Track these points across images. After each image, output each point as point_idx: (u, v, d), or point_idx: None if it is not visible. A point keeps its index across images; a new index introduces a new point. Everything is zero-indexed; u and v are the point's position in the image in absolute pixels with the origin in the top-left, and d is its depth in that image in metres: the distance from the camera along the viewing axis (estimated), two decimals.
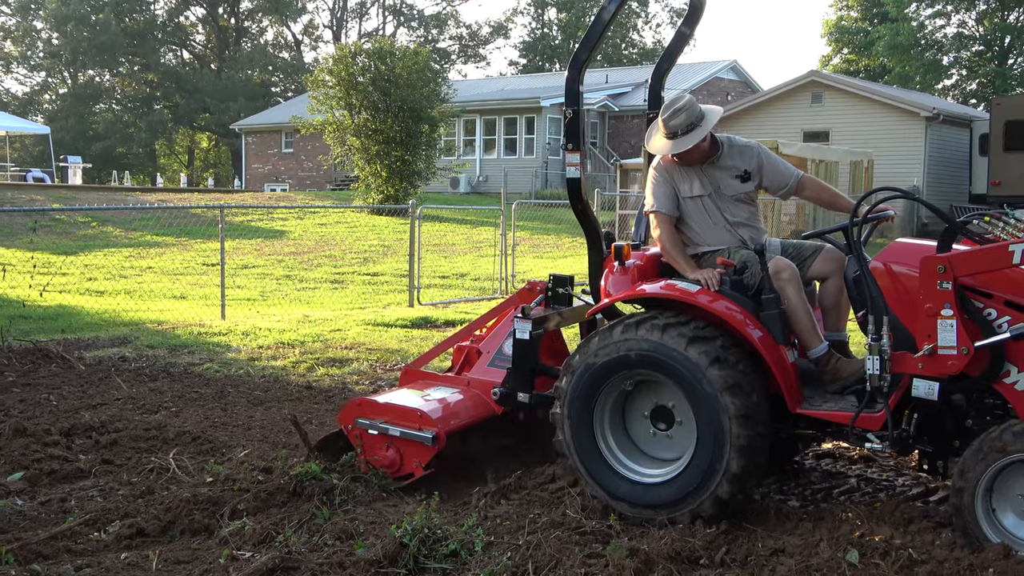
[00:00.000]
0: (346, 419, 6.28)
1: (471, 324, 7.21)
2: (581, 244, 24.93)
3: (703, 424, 5.18)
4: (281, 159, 54.16)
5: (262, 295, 17.82)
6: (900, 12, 54.72)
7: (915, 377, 4.98)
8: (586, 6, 77.78)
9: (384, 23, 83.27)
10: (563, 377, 5.59)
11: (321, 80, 33.57)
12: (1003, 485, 4.67)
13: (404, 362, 10.44)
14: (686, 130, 5.70)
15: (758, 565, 4.75)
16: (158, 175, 68.36)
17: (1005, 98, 34.10)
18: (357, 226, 30.07)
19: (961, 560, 4.54)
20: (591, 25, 6.01)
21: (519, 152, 44.95)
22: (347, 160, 34.18)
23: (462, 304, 16.02)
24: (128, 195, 37.11)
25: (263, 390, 9.19)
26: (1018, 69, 56.32)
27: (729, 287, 5.47)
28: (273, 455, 6.49)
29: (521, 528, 5.19)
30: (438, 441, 5.94)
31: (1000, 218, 5.08)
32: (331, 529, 5.17)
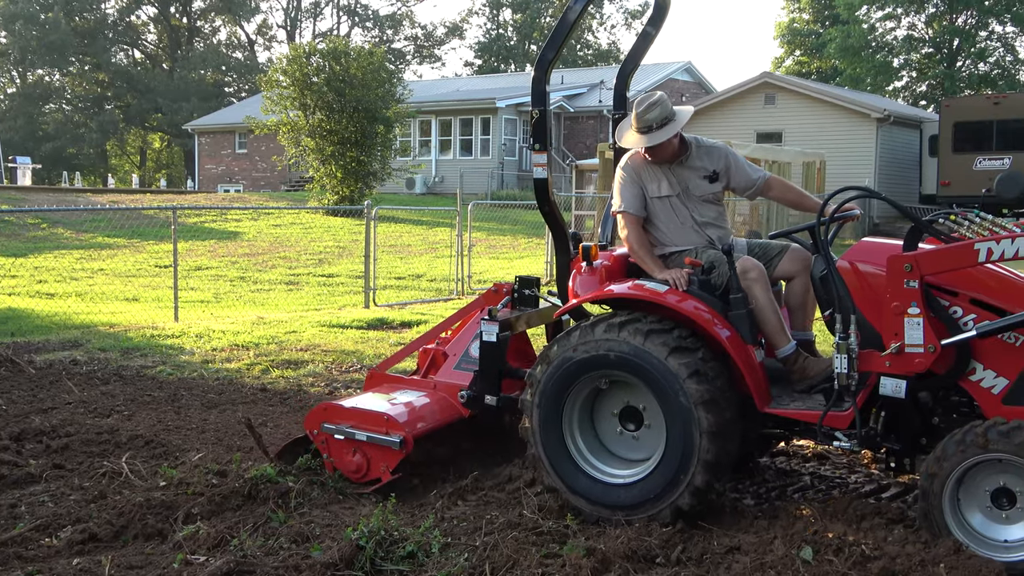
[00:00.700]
0: (311, 424, 6.22)
1: (437, 326, 7.17)
2: (537, 245, 24.99)
3: (673, 434, 5.18)
4: (235, 160, 53.74)
5: (216, 297, 17.67)
6: (851, 15, 55.37)
7: (882, 375, 5.02)
8: (541, 7, 77.94)
9: (338, 23, 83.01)
10: (538, 366, 5.56)
11: (275, 80, 33.38)
12: (973, 481, 4.70)
13: (360, 364, 10.41)
14: (660, 124, 5.71)
15: (713, 563, 4.78)
16: (109, 176, 67.62)
17: (954, 100, 34.66)
18: (312, 227, 29.90)
19: (913, 556, 4.60)
20: (557, 25, 5.99)
21: (475, 153, 44.92)
22: (302, 161, 33.99)
23: (418, 305, 15.98)
24: (79, 196, 36.64)
25: (217, 393, 9.12)
26: (966, 71, 57.21)
27: (697, 287, 5.48)
28: (227, 458, 6.44)
29: (478, 529, 5.19)
30: (406, 445, 5.90)
31: (966, 217, 5.12)
32: (287, 532, 5.13)
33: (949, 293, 4.96)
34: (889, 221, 30.57)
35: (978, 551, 4.59)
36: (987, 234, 4.88)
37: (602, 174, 29.32)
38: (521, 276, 6.84)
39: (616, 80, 6.73)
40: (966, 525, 4.72)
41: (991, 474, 4.66)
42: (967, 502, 4.73)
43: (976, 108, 30.69)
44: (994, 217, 5.10)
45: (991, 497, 4.69)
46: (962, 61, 57.50)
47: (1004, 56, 57.62)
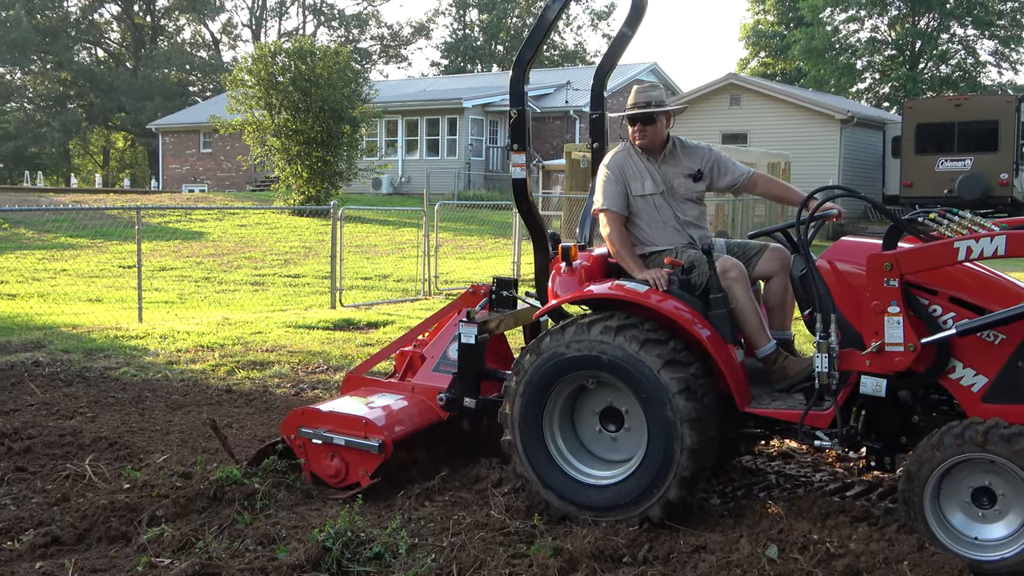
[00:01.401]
0: (289, 428, 6.15)
1: (414, 328, 7.11)
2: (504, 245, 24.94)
3: (654, 445, 5.17)
4: (199, 159, 53.37)
5: (180, 298, 17.54)
6: (815, 17, 55.86)
7: (863, 374, 5.04)
8: (507, 7, 78.00)
9: (304, 22, 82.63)
10: (527, 355, 5.51)
11: (240, 80, 33.16)
12: (957, 477, 4.71)
13: (327, 364, 10.37)
14: (659, 104, 5.85)
15: (680, 562, 4.81)
16: (72, 176, 66.95)
17: (916, 101, 35.03)
18: (278, 227, 29.76)
19: (877, 553, 4.65)
20: (535, 24, 5.98)
21: (442, 153, 44.86)
22: (267, 161, 33.80)
23: (385, 306, 15.94)
24: (41, 196, 36.26)
25: (182, 394, 9.05)
26: (928, 73, 57.84)
27: (677, 287, 5.47)
28: (192, 460, 6.40)
29: (445, 530, 5.18)
30: (384, 449, 5.85)
31: (945, 215, 5.13)
32: (252, 534, 5.11)
33: (928, 292, 4.98)
34: (852, 221, 30.82)
35: (952, 546, 4.64)
36: (966, 233, 4.89)
37: (569, 175, 29.38)
38: (498, 277, 6.81)
39: (593, 80, 6.73)
40: (944, 520, 4.74)
41: (977, 473, 4.68)
42: (948, 497, 4.75)
43: (938, 110, 31.03)
44: (972, 215, 5.14)
45: (972, 495, 4.71)
46: (924, 63, 58.13)
47: (965, 58, 58.33)
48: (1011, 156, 28.59)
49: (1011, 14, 56.65)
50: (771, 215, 29.86)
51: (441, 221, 19.99)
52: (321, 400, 7.53)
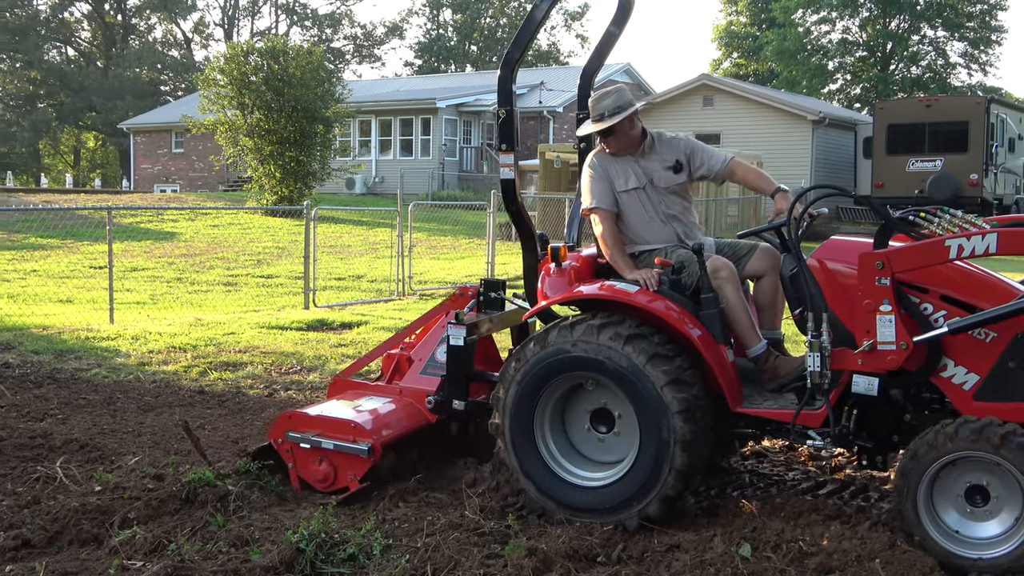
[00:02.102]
0: (276, 433, 6.08)
1: (401, 331, 7.04)
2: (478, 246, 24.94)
3: (644, 456, 5.17)
4: (171, 159, 53.05)
5: (152, 298, 17.43)
6: (787, 18, 56.20)
7: (855, 373, 5.03)
8: (481, 7, 78.00)
9: (277, 22, 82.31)
10: (531, 343, 5.46)
11: (212, 79, 32.97)
12: (950, 476, 4.71)
13: (300, 365, 10.34)
14: (612, 112, 5.76)
15: (654, 561, 4.82)
16: (42, 176, 66.37)
17: (887, 102, 35.29)
18: (250, 227, 29.62)
19: (849, 552, 4.68)
20: (523, 23, 5.94)
21: (415, 153, 44.81)
22: (240, 161, 33.64)
23: (359, 306, 15.90)
24: (11, 196, 35.95)
25: (153, 395, 9.00)
26: (899, 75, 58.30)
27: (667, 287, 5.45)
28: (165, 462, 6.35)
29: (420, 530, 5.17)
30: (374, 453, 5.79)
31: (936, 214, 5.14)
32: (225, 536, 5.08)
33: (919, 290, 4.98)
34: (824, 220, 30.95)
35: (945, 544, 4.64)
36: (957, 231, 4.89)
37: (542, 175, 29.43)
38: (486, 279, 6.77)
39: (580, 80, 6.66)
40: (937, 518, 4.74)
41: (970, 471, 4.67)
42: (941, 496, 4.74)
43: (909, 111, 31.28)
44: (963, 213, 5.14)
45: (965, 493, 4.71)
46: (895, 64, 58.59)
47: (936, 60, 58.84)
48: (981, 157, 28.84)
49: (980, 16, 57.21)
50: (743, 215, 30.04)
51: (415, 221, 19.96)
52: (306, 403, 7.49)
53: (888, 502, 5.14)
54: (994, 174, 29.40)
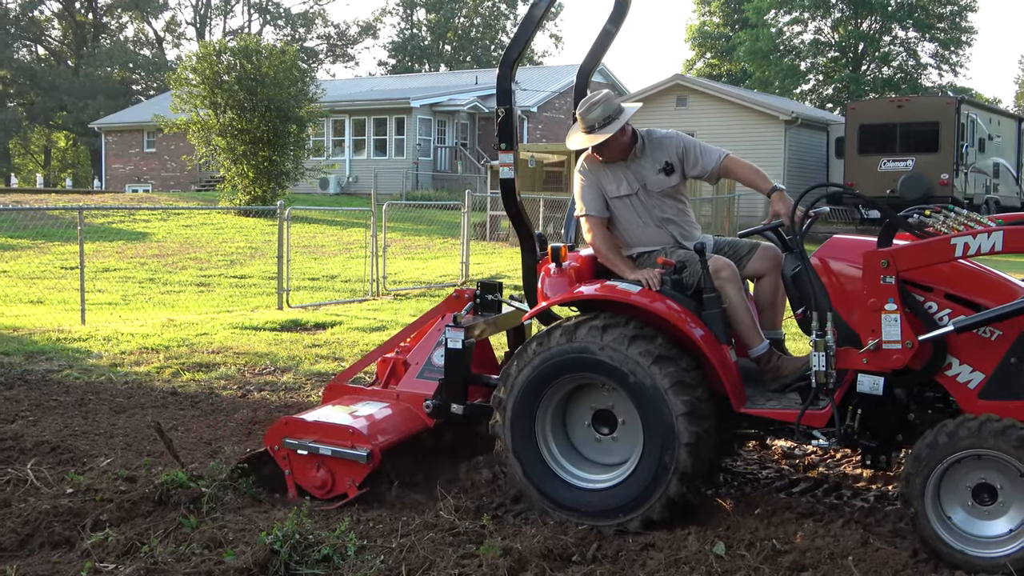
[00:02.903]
0: (272, 439, 5.97)
1: (397, 335, 6.97)
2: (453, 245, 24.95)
3: (647, 462, 5.15)
4: (143, 159, 52.73)
5: (124, 299, 17.32)
6: (759, 19, 56.48)
7: (860, 372, 5.01)
8: (454, 7, 77.93)
9: (249, 21, 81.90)
10: (537, 341, 5.42)
11: (184, 78, 32.79)
12: (957, 474, 4.68)
13: (274, 366, 10.30)
14: (603, 123, 5.67)
15: (628, 560, 4.84)
16: (12, 175, 65.77)
17: (859, 103, 35.50)
18: (223, 228, 29.46)
19: (822, 549, 4.72)
20: (522, 21, 5.87)
21: (389, 153, 44.74)
22: (212, 160, 33.46)
23: (332, 306, 15.86)
24: None
25: (126, 397, 8.94)
26: (871, 75, 58.69)
27: (669, 287, 5.42)
28: (137, 463, 6.31)
29: (394, 531, 5.16)
30: (373, 459, 5.70)
31: (941, 211, 5.12)
32: (199, 538, 5.05)
33: (924, 289, 4.96)
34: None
35: (954, 543, 4.62)
36: (962, 229, 4.88)
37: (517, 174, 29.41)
38: (483, 281, 6.70)
39: (576, 79, 6.60)
40: (945, 517, 4.71)
41: (978, 469, 4.65)
42: (948, 494, 4.71)
43: (880, 111, 31.46)
44: (969, 212, 5.12)
45: (973, 492, 4.68)
46: (867, 65, 58.98)
47: (907, 60, 59.28)
48: (951, 157, 29.08)
49: (950, 17, 57.68)
50: (717, 215, 30.18)
51: (389, 221, 19.92)
52: (303, 409, 7.40)
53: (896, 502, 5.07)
54: (964, 174, 29.64)
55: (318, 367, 10.23)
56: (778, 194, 5.56)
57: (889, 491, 5.96)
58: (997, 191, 31.72)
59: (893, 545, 4.85)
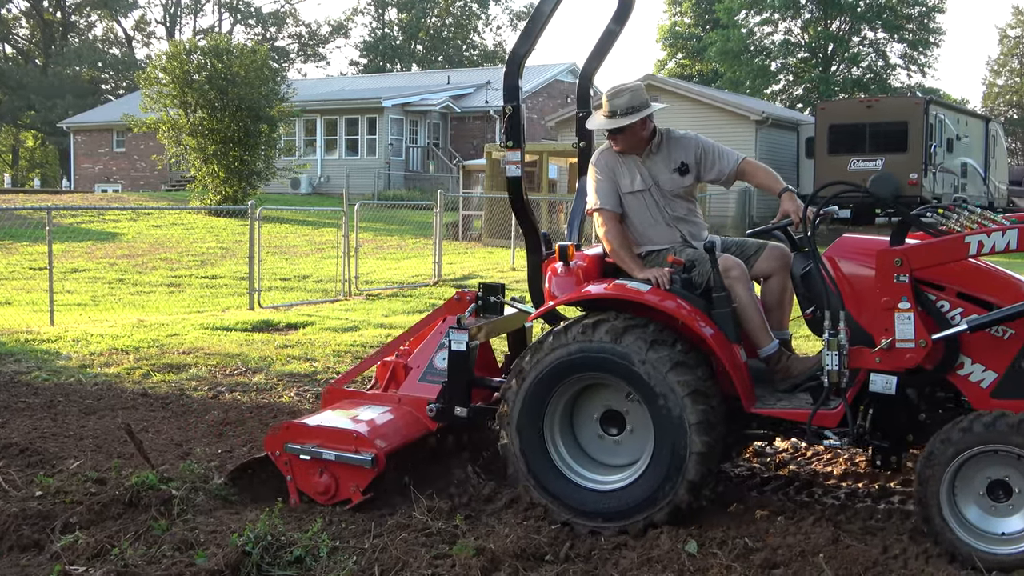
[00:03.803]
0: (273, 445, 5.86)
1: (396, 339, 6.91)
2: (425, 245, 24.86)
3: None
4: (113, 159, 52.32)
5: (94, 300, 17.19)
6: (730, 19, 56.73)
7: (872, 372, 4.99)
8: (426, 6, 77.79)
9: (220, 20, 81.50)
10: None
11: (154, 77, 32.58)
12: (971, 471, 4.67)
13: (245, 366, 10.25)
14: (625, 112, 5.65)
15: (601, 559, 4.85)
16: None
17: (829, 103, 35.77)
18: (194, 228, 29.30)
19: (794, 547, 4.75)
20: (530, 18, 5.76)
21: (361, 153, 44.62)
22: (183, 160, 33.27)
23: (304, 307, 15.81)
24: None
25: (95, 398, 8.87)
26: (840, 76, 59.06)
27: (679, 285, 5.38)
28: (107, 465, 6.28)
29: (367, 531, 5.16)
30: (378, 463, 5.61)
31: (954, 210, 5.10)
32: (170, 540, 5.02)
33: (936, 287, 4.94)
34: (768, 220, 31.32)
35: (968, 540, 4.61)
36: (976, 227, 4.86)
37: (489, 174, 29.43)
38: (484, 283, 6.64)
39: (579, 79, 6.56)
40: (960, 514, 4.70)
41: (991, 466, 4.64)
42: (963, 491, 4.70)
43: (850, 111, 31.66)
44: (983, 210, 5.11)
45: (987, 488, 4.68)
46: (836, 65, 59.35)
47: (876, 61, 59.70)
48: (920, 157, 29.30)
49: (919, 18, 58.12)
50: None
51: (361, 221, 19.87)
52: (304, 414, 7.34)
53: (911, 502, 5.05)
54: (933, 173, 29.88)
55: (290, 368, 10.19)
56: (788, 194, 5.56)
57: (859, 489, 6.01)
58: (965, 191, 31.99)
59: (864, 542, 4.88)
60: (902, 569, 4.59)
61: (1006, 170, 38.77)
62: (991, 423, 4.55)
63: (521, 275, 20.12)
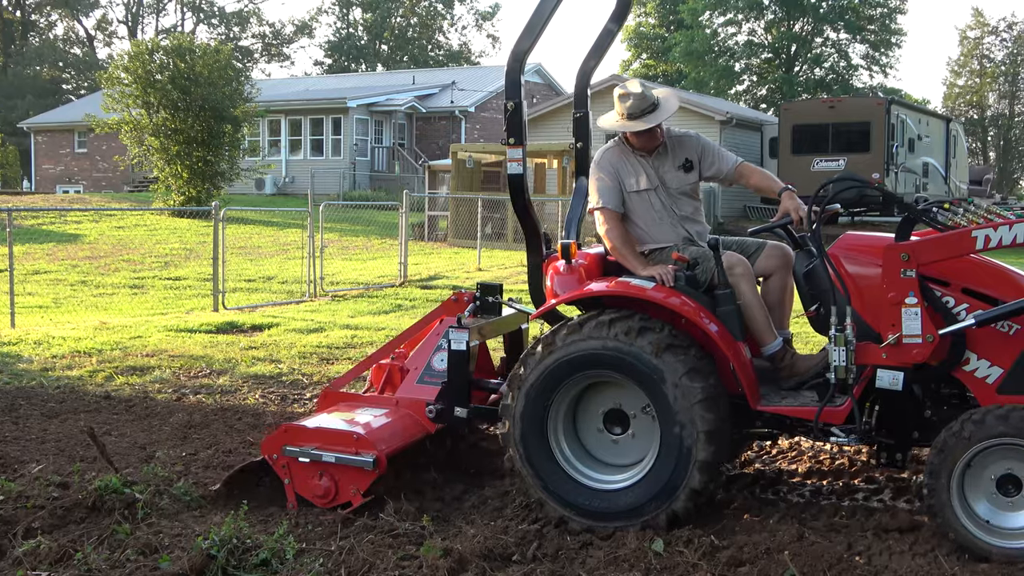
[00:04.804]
0: (271, 448, 5.78)
1: (391, 341, 6.86)
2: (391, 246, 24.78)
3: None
4: (74, 159, 51.82)
5: (55, 302, 17.02)
6: (694, 20, 57.05)
7: (879, 368, 4.97)
8: (391, 6, 77.60)
9: (183, 20, 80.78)
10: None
11: (116, 77, 32.28)
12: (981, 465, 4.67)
13: (210, 368, 10.19)
14: (648, 110, 5.67)
15: (568, 559, 4.86)
16: None
17: (792, 103, 36.04)
18: (157, 229, 29.06)
19: (759, 544, 4.78)
20: (533, 13, 5.71)
21: (326, 153, 44.49)
22: (146, 161, 32.95)
23: (269, 308, 15.72)
24: None
25: (58, 401, 8.78)
26: (804, 76, 59.55)
27: (683, 283, 5.37)
28: (70, 469, 6.21)
29: (333, 533, 5.14)
30: (379, 465, 5.54)
31: (959, 205, 5.10)
32: (134, 544, 4.97)
33: (941, 283, 4.95)
34: (732, 220, 31.53)
35: (978, 535, 4.62)
36: (982, 221, 4.86)
37: (454, 175, 29.42)
38: (482, 283, 6.60)
39: (577, 79, 6.53)
40: (969, 508, 4.70)
41: (1002, 460, 4.63)
42: (972, 486, 4.70)
43: (813, 111, 31.98)
44: (988, 204, 5.11)
45: (997, 483, 4.68)
46: (799, 66, 59.84)
47: (838, 62, 60.23)
48: (882, 156, 29.61)
49: (880, 19, 58.73)
50: None
51: (326, 222, 19.79)
52: (302, 416, 7.27)
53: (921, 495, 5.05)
54: (895, 173, 30.20)
55: (255, 369, 10.14)
56: (788, 193, 5.58)
57: (824, 486, 6.05)
58: (927, 190, 32.35)
59: (828, 539, 4.93)
60: (866, 565, 4.63)
61: (966, 170, 39.24)
62: (1004, 416, 4.57)
63: (488, 275, 20.15)
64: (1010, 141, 73.64)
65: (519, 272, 20.81)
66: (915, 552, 4.76)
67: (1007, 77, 72.57)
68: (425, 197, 30.50)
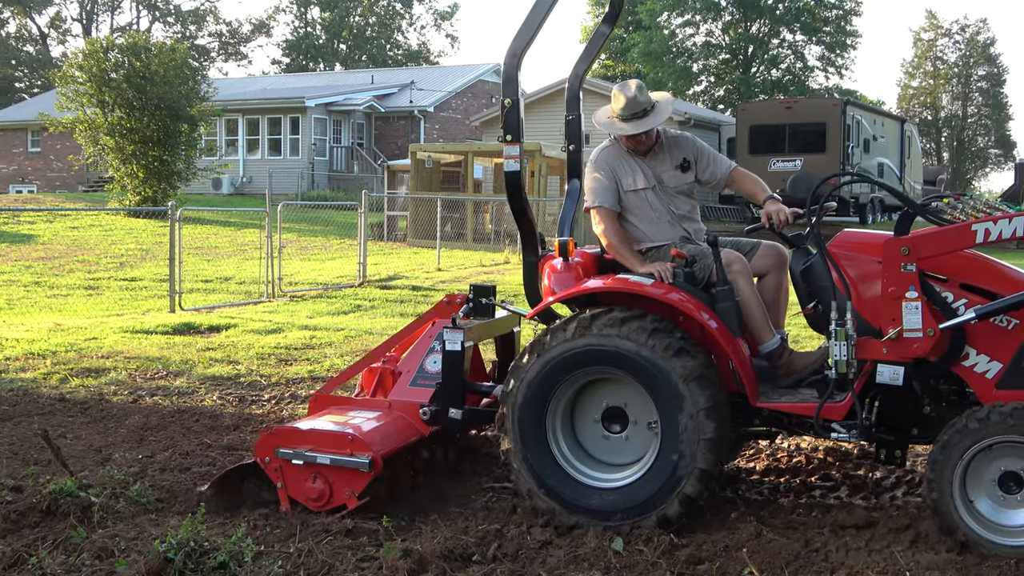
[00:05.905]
0: (264, 451, 5.66)
1: (381, 345, 6.78)
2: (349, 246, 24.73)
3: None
4: (27, 159, 51.16)
5: (8, 303, 16.78)
6: (652, 21, 57.39)
7: (879, 363, 4.97)
8: (349, 5, 77.33)
9: (138, 18, 79.93)
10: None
11: (70, 76, 31.97)
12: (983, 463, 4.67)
13: (166, 370, 10.10)
14: (641, 115, 5.67)
15: (528, 558, 4.86)
16: None
17: (749, 104, 36.34)
18: (113, 229, 28.76)
19: (718, 542, 4.82)
20: (531, 11, 5.62)
21: (284, 153, 44.25)
22: (100, 160, 32.62)
23: (227, 308, 15.60)
24: None
25: (11, 404, 8.65)
26: (760, 77, 60.06)
27: (681, 279, 5.35)
28: (23, 473, 6.13)
29: (292, 536, 5.11)
30: (375, 466, 5.45)
31: (959, 199, 5.11)
32: (89, 548, 4.91)
33: (939, 279, 4.95)
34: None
35: (980, 532, 4.62)
36: (981, 216, 4.87)
37: (414, 175, 29.37)
38: (475, 285, 6.55)
39: (568, 82, 6.49)
40: (971, 506, 4.69)
41: (1004, 457, 4.63)
42: (974, 483, 4.70)
43: (769, 112, 32.26)
44: (988, 199, 5.13)
45: (999, 480, 4.67)
46: (756, 67, 60.37)
47: (795, 63, 60.83)
48: (838, 157, 29.93)
49: (836, 21, 59.40)
50: None
51: (284, 222, 19.67)
52: (294, 419, 7.18)
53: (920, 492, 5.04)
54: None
55: (212, 371, 10.05)
56: (771, 200, 5.59)
57: (781, 484, 6.10)
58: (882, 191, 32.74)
59: (786, 536, 4.97)
60: (823, 562, 4.67)
61: (921, 170, 39.80)
62: (1009, 413, 4.58)
63: (448, 275, 20.13)
64: (963, 142, 74.76)
65: (479, 272, 20.83)
66: (871, 548, 4.81)
67: (960, 79, 73.69)
68: (384, 197, 30.44)
